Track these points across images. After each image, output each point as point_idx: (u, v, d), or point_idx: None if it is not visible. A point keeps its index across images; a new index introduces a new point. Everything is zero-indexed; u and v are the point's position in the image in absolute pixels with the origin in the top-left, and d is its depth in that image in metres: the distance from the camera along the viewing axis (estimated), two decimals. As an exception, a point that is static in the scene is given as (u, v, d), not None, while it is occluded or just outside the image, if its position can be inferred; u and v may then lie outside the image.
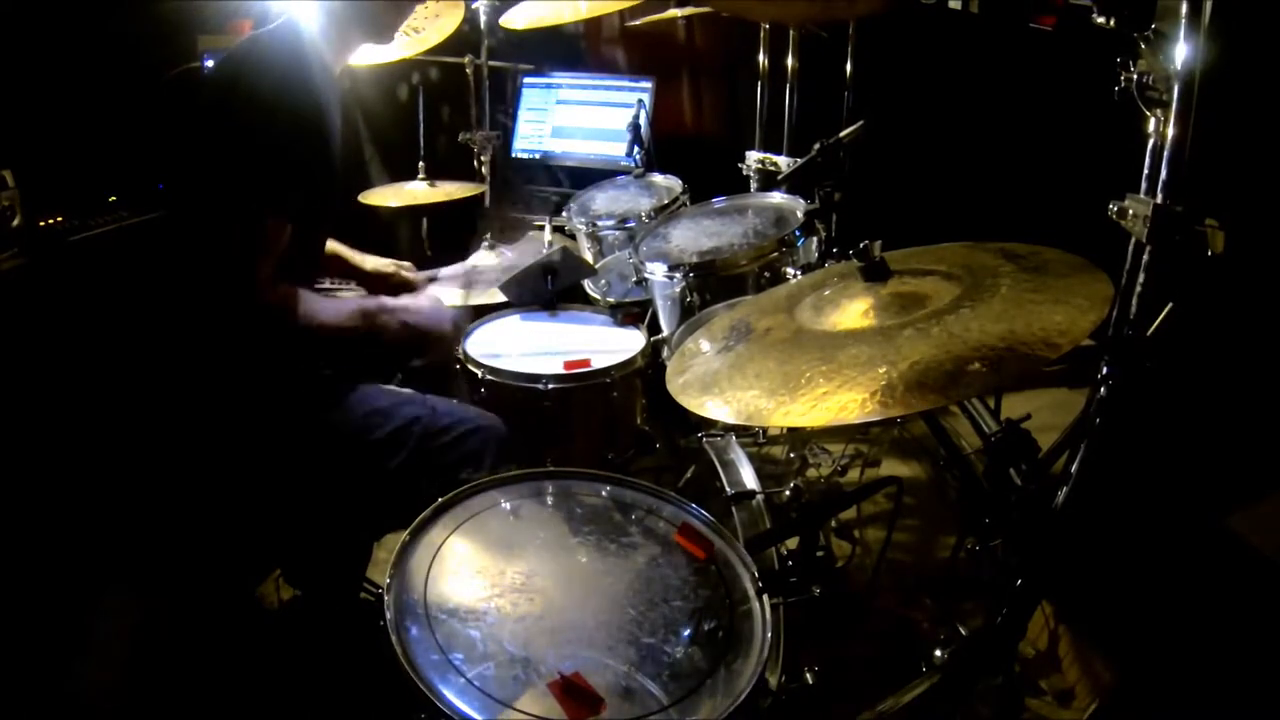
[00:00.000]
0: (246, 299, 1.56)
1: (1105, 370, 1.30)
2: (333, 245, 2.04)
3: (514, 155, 3.49)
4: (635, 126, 2.63)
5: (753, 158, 2.76)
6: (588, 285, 2.43)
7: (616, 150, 3.21)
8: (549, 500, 1.47)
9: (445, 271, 2.34)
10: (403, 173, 3.06)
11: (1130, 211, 1.32)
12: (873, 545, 1.88)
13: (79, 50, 2.39)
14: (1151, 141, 1.41)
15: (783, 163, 2.62)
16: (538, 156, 3.48)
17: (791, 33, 2.83)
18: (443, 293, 2.30)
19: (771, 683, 1.23)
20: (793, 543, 1.38)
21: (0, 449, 1.89)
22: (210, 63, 2.65)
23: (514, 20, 2.81)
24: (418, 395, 1.78)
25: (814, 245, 2.07)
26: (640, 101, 2.79)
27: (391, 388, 1.79)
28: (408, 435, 1.67)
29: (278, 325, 1.60)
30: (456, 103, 3.26)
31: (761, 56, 2.99)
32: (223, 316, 1.60)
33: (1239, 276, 1.44)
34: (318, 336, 1.68)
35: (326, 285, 2.45)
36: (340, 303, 1.74)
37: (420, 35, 2.67)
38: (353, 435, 1.66)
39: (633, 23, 3.30)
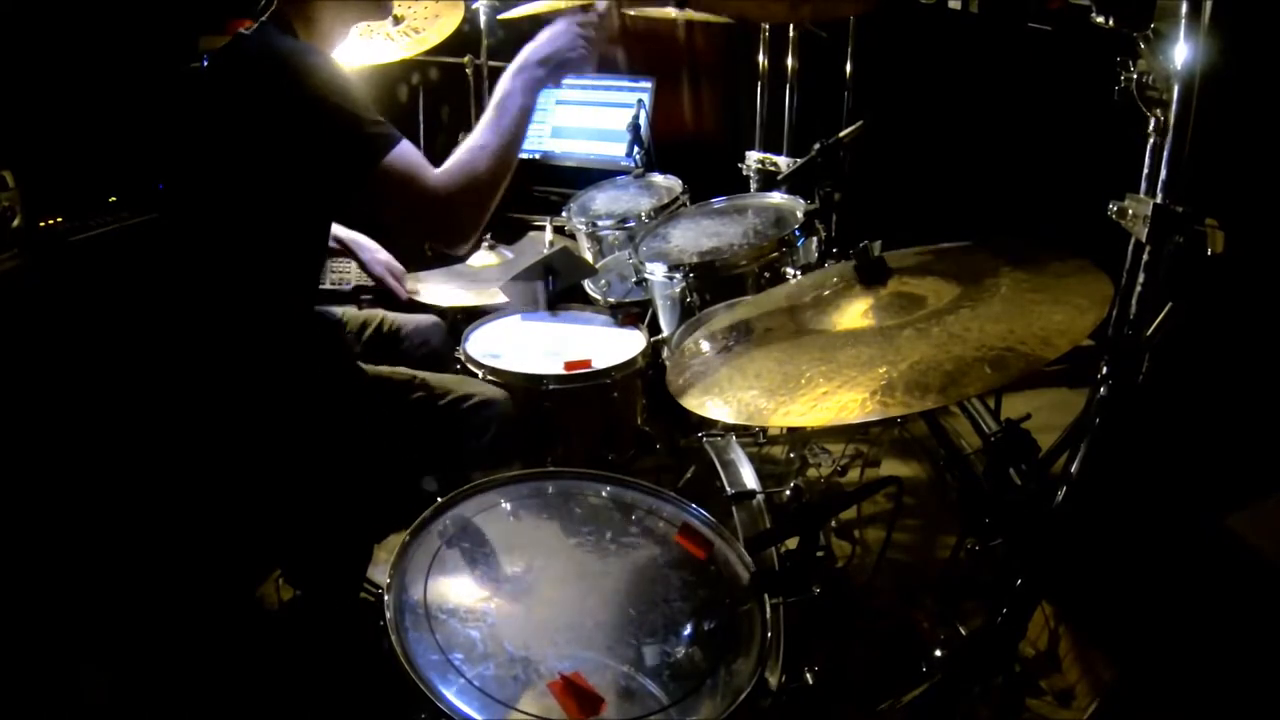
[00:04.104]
0: (436, 202, 1.52)
1: (1105, 370, 1.30)
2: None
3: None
4: (635, 126, 2.63)
5: (752, 158, 2.76)
6: (588, 285, 2.44)
7: (616, 150, 3.21)
8: (549, 500, 1.47)
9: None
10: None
11: (1130, 211, 1.32)
12: (873, 545, 1.87)
13: (79, 50, 2.39)
14: (1151, 141, 1.41)
15: (783, 163, 2.62)
16: (538, 156, 3.48)
17: (791, 33, 2.83)
18: (443, 294, 2.30)
19: (771, 683, 1.23)
20: (793, 543, 1.38)
21: (1, 450, 1.89)
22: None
23: (510, 11, 2.81)
24: (414, 372, 1.77)
25: (814, 245, 2.07)
26: (640, 101, 2.79)
27: (386, 367, 1.78)
28: (408, 415, 1.67)
29: (472, 200, 1.55)
30: (456, 103, 3.26)
31: (761, 56, 2.99)
32: (228, 310, 1.58)
33: (1239, 276, 1.44)
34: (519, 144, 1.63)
35: (328, 287, 2.45)
36: (498, 105, 1.62)
37: (420, 35, 2.67)
38: (352, 418, 1.65)
39: (629, 11, 3.28)
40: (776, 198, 2.31)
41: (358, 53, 2.60)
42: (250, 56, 1.57)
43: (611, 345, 2.16)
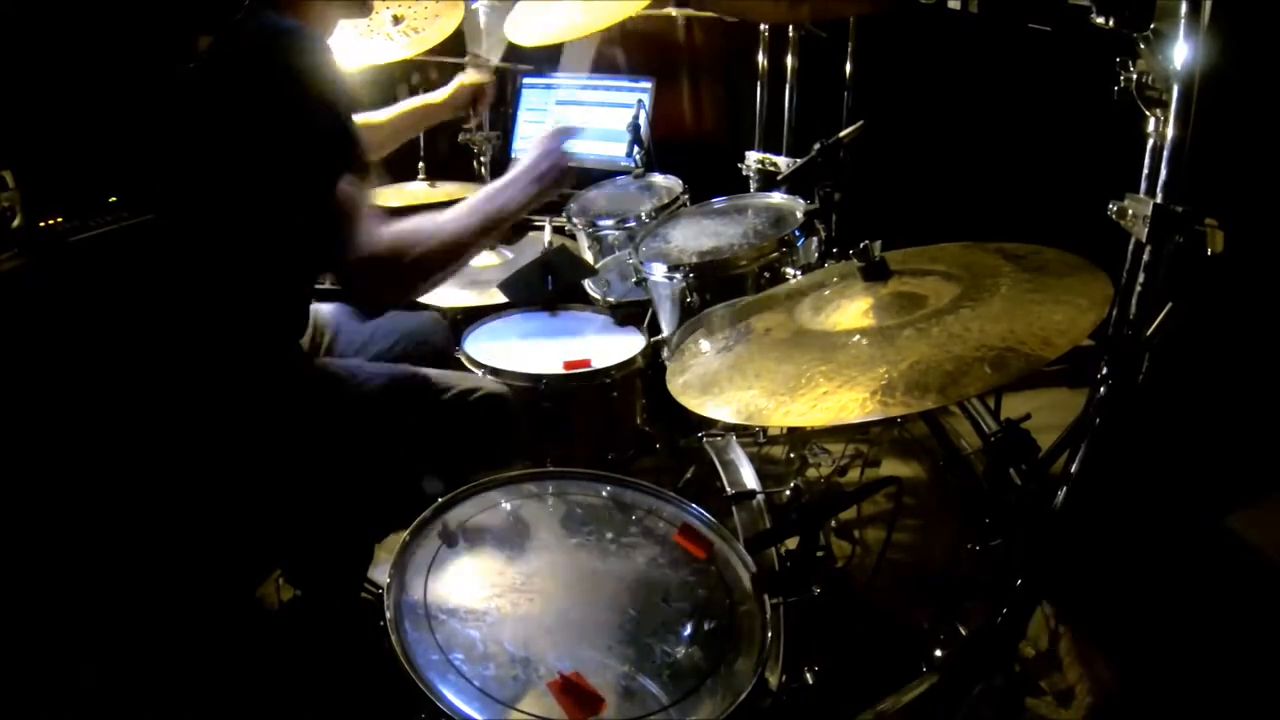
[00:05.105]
0: (355, 258, 1.48)
1: (1105, 370, 1.30)
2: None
3: (514, 156, 3.49)
4: (635, 127, 2.63)
5: (752, 158, 2.76)
6: (588, 285, 2.44)
7: (616, 150, 3.21)
8: (549, 500, 1.47)
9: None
10: (403, 173, 3.06)
11: (1130, 211, 1.32)
12: (873, 545, 1.87)
13: (79, 50, 2.39)
14: (1151, 141, 1.41)
15: (782, 163, 2.62)
16: (538, 156, 3.47)
17: (791, 33, 2.83)
18: (442, 294, 2.30)
19: (771, 683, 1.23)
20: (793, 543, 1.38)
21: (1, 450, 1.89)
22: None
23: (521, 37, 2.79)
24: (412, 369, 1.77)
25: (814, 245, 2.07)
26: (640, 102, 2.79)
27: (385, 364, 1.77)
28: (407, 412, 1.67)
29: (393, 274, 1.51)
30: (456, 103, 3.26)
31: (761, 57, 2.99)
32: (226, 309, 1.58)
33: (1239, 276, 1.44)
34: (465, 258, 1.61)
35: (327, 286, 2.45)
36: (455, 215, 1.61)
37: (420, 35, 2.67)
38: (352, 419, 1.65)
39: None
40: (776, 198, 2.31)
41: (358, 53, 2.60)
42: (243, 37, 1.55)
43: (611, 345, 2.16)
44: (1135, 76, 1.37)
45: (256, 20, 1.56)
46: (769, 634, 1.21)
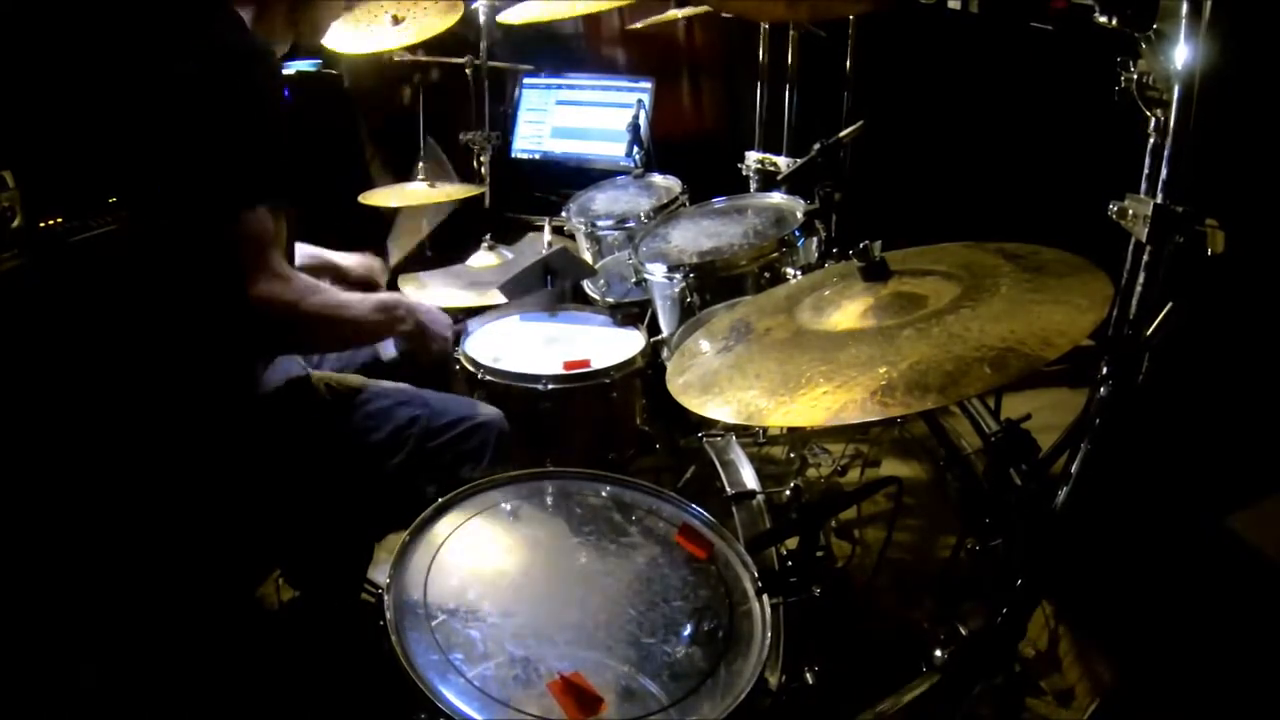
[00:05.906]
0: (256, 289, 1.53)
1: (1105, 370, 1.30)
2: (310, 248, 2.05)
3: (514, 155, 3.49)
4: (635, 127, 2.63)
5: (752, 158, 2.76)
6: (587, 285, 2.44)
7: (616, 150, 3.21)
8: (549, 500, 1.47)
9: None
10: (403, 173, 3.06)
11: (1130, 211, 1.32)
12: (873, 545, 1.87)
13: (80, 50, 2.39)
14: (1151, 141, 1.41)
15: (782, 163, 2.62)
16: (538, 157, 3.48)
17: (791, 33, 2.83)
18: (442, 295, 2.31)
19: (771, 683, 1.23)
20: (793, 543, 1.38)
21: (1, 450, 1.89)
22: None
23: (510, 16, 2.81)
24: (415, 392, 1.77)
25: (814, 245, 2.07)
26: (640, 102, 2.79)
27: (388, 384, 1.78)
28: (406, 436, 1.67)
29: (274, 320, 1.57)
30: (457, 103, 3.26)
31: (761, 56, 2.99)
32: (220, 313, 1.59)
33: (1239, 276, 1.44)
34: (342, 336, 1.69)
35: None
36: (361, 297, 1.73)
37: (404, 26, 2.66)
38: (351, 437, 1.66)
39: (634, 25, 3.29)
40: (776, 198, 2.31)
41: (358, 45, 2.60)
42: (213, 53, 1.58)
43: (611, 345, 2.16)
44: (1136, 76, 1.37)
45: (229, 40, 1.57)
46: (769, 634, 1.21)
